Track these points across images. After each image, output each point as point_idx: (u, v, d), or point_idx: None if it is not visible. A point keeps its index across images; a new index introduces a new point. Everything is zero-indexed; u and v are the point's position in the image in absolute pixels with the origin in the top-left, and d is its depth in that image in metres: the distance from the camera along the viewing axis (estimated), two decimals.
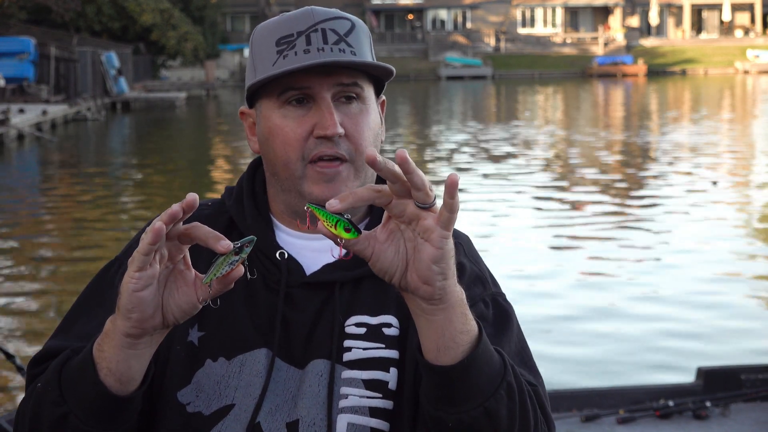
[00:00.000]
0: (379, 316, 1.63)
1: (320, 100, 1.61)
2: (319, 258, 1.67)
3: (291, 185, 1.64)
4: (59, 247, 11.97)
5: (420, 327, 1.45)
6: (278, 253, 1.65)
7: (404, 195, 1.38)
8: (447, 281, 1.40)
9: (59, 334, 1.67)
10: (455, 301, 1.43)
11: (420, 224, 1.38)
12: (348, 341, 1.61)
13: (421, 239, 1.39)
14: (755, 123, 29.28)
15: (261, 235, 1.67)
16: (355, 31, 1.64)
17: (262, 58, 1.64)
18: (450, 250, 1.39)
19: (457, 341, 1.44)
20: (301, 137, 1.61)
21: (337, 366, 1.60)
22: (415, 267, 1.39)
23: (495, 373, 1.47)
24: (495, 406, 1.46)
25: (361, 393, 1.59)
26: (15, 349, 7.35)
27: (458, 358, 1.44)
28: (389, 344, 1.62)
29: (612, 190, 15.80)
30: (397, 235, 1.41)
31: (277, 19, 1.66)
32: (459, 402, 1.46)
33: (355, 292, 1.64)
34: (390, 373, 1.61)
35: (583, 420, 5.09)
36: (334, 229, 1.36)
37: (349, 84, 1.62)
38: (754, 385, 5.35)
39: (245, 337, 1.62)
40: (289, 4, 73.59)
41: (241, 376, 1.60)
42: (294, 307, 1.63)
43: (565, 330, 8.01)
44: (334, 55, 1.60)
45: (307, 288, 1.64)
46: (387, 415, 1.59)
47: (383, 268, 1.40)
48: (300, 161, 1.61)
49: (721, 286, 9.42)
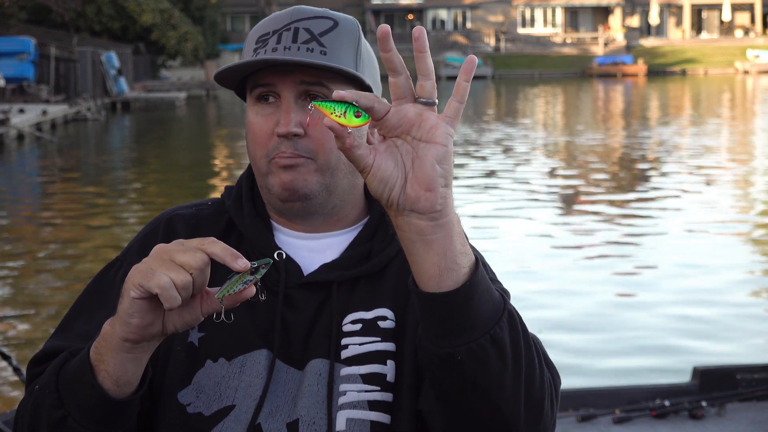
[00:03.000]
0: (374, 310, 1.63)
1: (282, 99, 1.61)
2: (316, 258, 1.67)
3: (262, 182, 1.66)
4: (58, 248, 11.97)
5: (418, 254, 1.39)
6: (276, 253, 1.65)
7: (405, 95, 1.35)
8: (448, 189, 1.36)
9: (59, 334, 1.67)
10: (454, 217, 1.38)
11: (423, 125, 1.35)
12: (345, 339, 1.62)
13: (423, 143, 1.35)
14: (755, 123, 29.27)
15: (259, 235, 1.67)
16: (334, 32, 1.63)
17: (243, 56, 1.65)
18: (452, 152, 1.36)
19: (459, 262, 1.39)
20: (265, 134, 1.62)
21: (335, 364, 1.60)
22: (415, 175, 1.35)
23: (496, 300, 1.43)
24: (500, 334, 1.42)
25: (359, 388, 1.59)
26: (16, 356, 7.36)
27: (461, 281, 1.39)
28: (385, 337, 1.61)
29: (607, 189, 15.80)
30: (393, 149, 1.36)
31: (266, 18, 1.67)
32: (466, 331, 1.40)
33: (351, 291, 1.65)
34: (387, 365, 1.60)
35: (579, 420, 5.10)
36: (343, 118, 1.32)
37: (313, 83, 1.61)
38: (750, 385, 5.36)
39: (245, 338, 1.62)
40: (288, 4, 73.62)
41: (242, 377, 1.60)
42: (293, 308, 1.64)
43: (561, 330, 8.02)
44: (299, 54, 1.59)
45: (305, 288, 1.64)
46: (386, 407, 1.59)
47: (384, 178, 1.35)
48: (264, 158, 1.62)
49: (717, 285, 9.42)
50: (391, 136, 1.36)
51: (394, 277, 1.66)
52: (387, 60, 1.33)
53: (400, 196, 1.36)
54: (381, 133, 1.37)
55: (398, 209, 1.37)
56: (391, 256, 1.67)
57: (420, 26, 1.34)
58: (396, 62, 1.34)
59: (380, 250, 1.67)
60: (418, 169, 1.35)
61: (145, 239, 1.72)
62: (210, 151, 25.04)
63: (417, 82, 1.36)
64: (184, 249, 1.39)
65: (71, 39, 42.39)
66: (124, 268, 1.67)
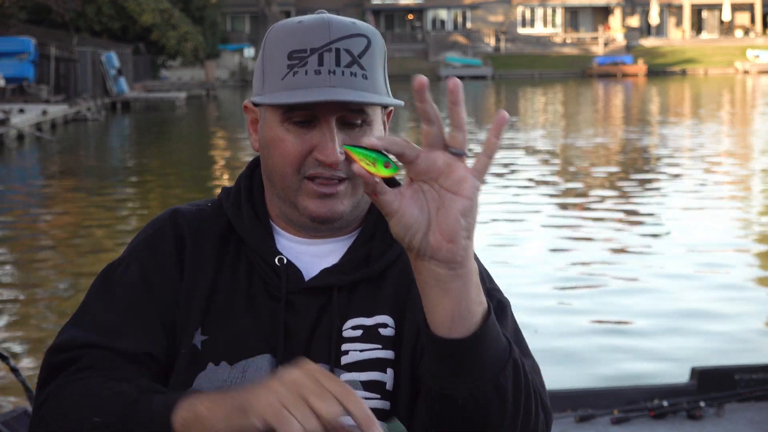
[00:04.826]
0: (374, 317, 1.63)
1: (324, 124, 1.59)
2: (317, 263, 1.67)
3: (285, 195, 1.64)
4: (58, 248, 11.97)
5: (432, 299, 1.40)
6: (277, 258, 1.65)
7: (436, 144, 1.36)
8: (470, 241, 1.37)
9: (76, 325, 1.63)
10: (473, 268, 1.40)
11: (451, 176, 1.35)
12: (345, 345, 1.62)
13: (450, 193, 1.36)
14: (755, 123, 29.27)
15: (260, 240, 1.67)
16: (370, 51, 1.61)
17: (273, 68, 1.61)
18: (477, 205, 1.37)
19: (472, 311, 1.40)
20: (300, 154, 1.60)
21: (335, 370, 1.61)
22: (439, 225, 1.36)
23: (502, 348, 1.45)
24: (503, 382, 1.44)
25: (359, 395, 1.56)
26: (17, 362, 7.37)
27: (472, 330, 1.40)
28: (385, 344, 1.62)
29: (605, 190, 15.80)
30: (419, 195, 1.37)
31: (292, 26, 1.62)
32: (470, 377, 1.43)
33: (351, 296, 1.65)
34: (387, 373, 1.61)
35: (577, 420, 5.10)
36: (372, 167, 1.34)
37: (355, 111, 1.60)
38: (748, 385, 5.35)
39: (248, 343, 1.62)
40: (289, 4, 73.57)
41: (244, 383, 1.60)
42: (294, 314, 1.64)
43: (559, 330, 8.02)
44: (344, 79, 1.58)
45: (306, 293, 1.64)
46: (384, 415, 1.59)
47: (407, 224, 1.36)
48: (296, 174, 1.60)
49: (715, 286, 9.43)
50: (418, 180, 1.37)
51: (393, 283, 1.66)
52: (422, 111, 1.34)
53: (422, 243, 1.37)
54: (408, 175, 1.38)
55: (418, 254, 1.38)
56: (391, 261, 1.68)
57: (456, 78, 1.35)
58: (431, 114, 1.35)
59: (379, 253, 1.68)
60: (442, 219, 1.36)
61: (152, 239, 1.69)
62: (210, 151, 25.05)
63: (449, 133, 1.36)
64: (322, 394, 1.34)
65: (71, 39, 42.40)
66: (131, 268, 1.66)
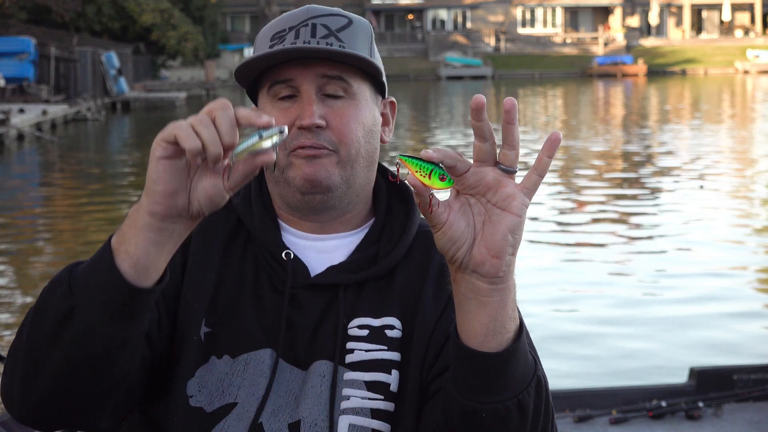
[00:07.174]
0: (381, 318, 1.64)
1: (303, 92, 1.62)
2: (323, 259, 1.68)
3: (279, 175, 1.65)
4: (58, 248, 11.98)
5: (468, 311, 1.41)
6: (284, 253, 1.66)
7: (487, 159, 1.37)
8: (514, 257, 1.39)
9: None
10: (512, 284, 1.41)
11: (500, 192, 1.37)
12: (350, 343, 1.62)
13: (498, 209, 1.37)
14: (755, 123, 29.26)
15: (268, 235, 1.68)
16: (350, 28, 1.64)
17: (258, 52, 1.65)
18: (525, 222, 1.38)
19: (507, 327, 1.42)
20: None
21: (339, 367, 1.61)
22: (485, 239, 1.37)
23: (530, 366, 1.47)
24: (527, 400, 1.45)
25: (362, 394, 1.60)
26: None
27: (504, 346, 1.42)
28: (391, 346, 1.62)
29: (605, 191, 15.81)
30: (466, 208, 1.39)
31: (277, 18, 1.68)
32: (496, 392, 1.43)
33: (358, 294, 1.65)
34: (392, 375, 1.61)
35: (575, 420, 5.11)
36: (427, 179, 1.34)
37: (333, 77, 1.61)
38: (746, 386, 5.37)
39: (250, 337, 1.62)
40: (289, 4, 73.56)
41: (245, 375, 1.61)
42: (298, 309, 1.64)
43: (558, 330, 8.03)
44: (319, 48, 1.60)
45: (312, 290, 1.65)
46: (388, 416, 1.60)
47: (453, 238, 1.38)
48: (283, 152, 1.61)
49: (713, 286, 9.43)
50: (465, 193, 1.39)
51: (402, 285, 1.67)
52: (478, 128, 1.36)
53: (465, 256, 1.39)
54: (457, 188, 1.39)
55: (461, 267, 1.40)
56: (398, 259, 1.68)
57: (512, 99, 1.36)
58: (486, 131, 1.37)
59: (387, 252, 1.68)
60: (489, 234, 1.38)
61: None
62: None
63: (501, 150, 1.38)
64: (208, 110, 1.35)
65: (71, 39, 42.36)
66: None
